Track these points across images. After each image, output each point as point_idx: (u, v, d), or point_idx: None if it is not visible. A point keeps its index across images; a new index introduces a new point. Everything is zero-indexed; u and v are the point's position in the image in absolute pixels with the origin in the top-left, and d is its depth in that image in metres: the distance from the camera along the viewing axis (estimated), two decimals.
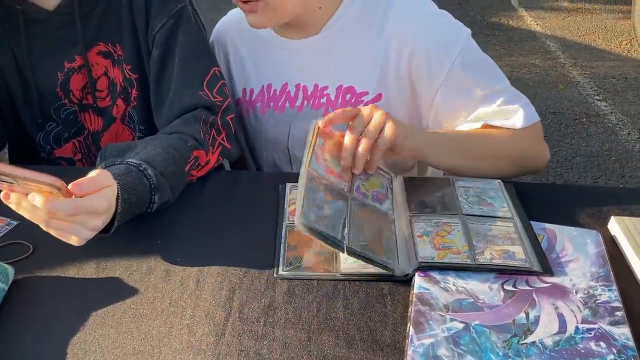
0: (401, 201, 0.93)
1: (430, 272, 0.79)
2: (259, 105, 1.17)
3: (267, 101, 1.16)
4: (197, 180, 1.02)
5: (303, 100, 1.13)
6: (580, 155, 2.89)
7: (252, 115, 1.19)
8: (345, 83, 1.09)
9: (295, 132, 1.14)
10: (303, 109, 1.13)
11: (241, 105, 1.21)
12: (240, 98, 1.20)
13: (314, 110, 1.12)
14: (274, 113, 1.16)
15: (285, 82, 1.14)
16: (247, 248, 0.87)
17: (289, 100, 1.14)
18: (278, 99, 1.15)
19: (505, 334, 0.70)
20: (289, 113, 1.14)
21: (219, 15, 1.27)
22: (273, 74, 1.16)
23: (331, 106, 1.10)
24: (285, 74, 1.14)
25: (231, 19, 1.23)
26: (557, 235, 0.88)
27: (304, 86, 1.13)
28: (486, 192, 0.95)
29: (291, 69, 1.14)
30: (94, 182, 0.76)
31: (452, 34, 1.05)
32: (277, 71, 1.15)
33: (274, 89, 1.15)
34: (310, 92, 1.12)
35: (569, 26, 4.71)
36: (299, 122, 1.13)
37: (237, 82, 1.21)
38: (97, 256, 0.85)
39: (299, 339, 0.72)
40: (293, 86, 1.14)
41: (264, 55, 1.16)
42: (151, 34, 1.06)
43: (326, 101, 1.11)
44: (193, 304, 0.77)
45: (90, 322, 0.74)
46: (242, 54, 1.19)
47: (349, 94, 1.09)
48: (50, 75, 1.10)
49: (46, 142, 1.18)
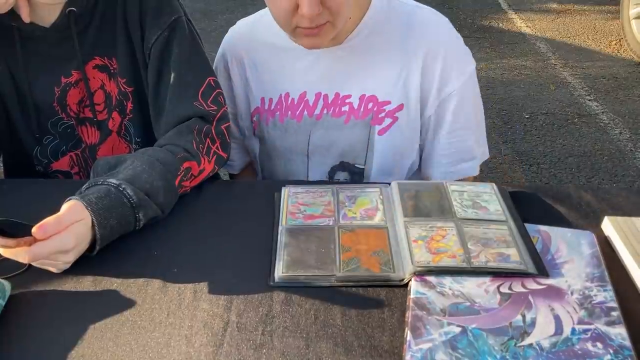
0: (397, 207, 0.94)
1: (427, 277, 0.80)
2: (278, 115, 1.17)
3: (286, 110, 1.16)
4: (192, 190, 1.03)
5: (323, 108, 1.14)
6: (573, 156, 2.90)
7: (272, 124, 1.18)
8: (368, 92, 1.11)
9: (314, 140, 1.15)
10: (322, 117, 1.14)
11: (260, 114, 1.20)
12: (260, 107, 1.20)
13: (334, 118, 1.13)
14: (292, 122, 1.16)
15: (304, 91, 1.15)
16: (243, 257, 0.88)
17: (307, 108, 1.14)
18: (296, 107, 1.15)
19: (502, 337, 0.71)
20: (308, 121, 1.15)
21: (212, 25, 1.29)
22: (291, 83, 1.16)
23: (354, 114, 1.12)
24: (305, 83, 1.15)
25: (242, 28, 1.23)
26: (552, 237, 0.88)
27: (325, 95, 1.13)
28: (480, 195, 0.96)
29: (311, 78, 1.14)
30: (59, 223, 0.79)
31: (466, 57, 1.13)
32: (296, 80, 1.15)
33: (291, 97, 1.15)
34: (331, 101, 1.13)
35: (558, 27, 4.74)
36: (319, 130, 1.14)
37: (255, 92, 1.20)
38: (94, 269, 0.85)
39: (297, 346, 0.72)
40: (312, 94, 1.14)
41: (282, 65, 1.16)
42: (147, 46, 1.06)
43: (348, 109, 1.12)
44: (191, 315, 0.77)
45: (88, 335, 0.74)
46: (257, 63, 1.19)
47: (371, 103, 1.11)
48: (47, 90, 1.10)
49: (43, 156, 1.18)
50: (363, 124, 1.12)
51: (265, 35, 1.17)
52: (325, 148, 1.15)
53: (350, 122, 1.12)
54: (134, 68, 1.10)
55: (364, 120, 1.11)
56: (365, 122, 1.11)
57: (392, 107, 1.11)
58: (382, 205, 0.95)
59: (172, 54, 1.06)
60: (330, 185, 1.03)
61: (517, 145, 3.01)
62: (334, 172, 1.17)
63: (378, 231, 0.89)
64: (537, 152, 2.94)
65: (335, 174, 1.18)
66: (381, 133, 1.12)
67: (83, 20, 1.06)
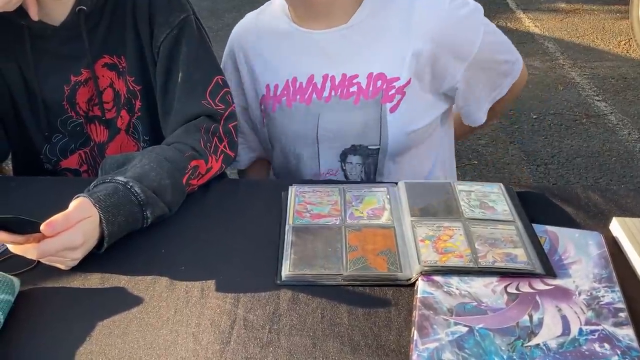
0: (404, 207, 0.94)
1: (434, 277, 0.80)
2: (285, 100, 1.16)
3: (294, 94, 1.16)
4: (199, 189, 1.03)
5: (331, 90, 1.13)
6: (581, 156, 2.89)
7: (279, 110, 1.18)
8: (376, 70, 1.11)
9: (323, 123, 1.14)
10: (331, 99, 1.13)
11: (266, 101, 1.19)
12: (265, 95, 1.19)
13: (342, 99, 1.12)
14: (300, 106, 1.15)
15: (311, 74, 1.14)
16: (250, 255, 0.88)
17: (316, 91, 1.14)
18: (304, 91, 1.15)
19: (509, 337, 0.71)
20: (317, 104, 1.14)
21: (219, 24, 1.29)
22: (298, 67, 1.15)
23: (363, 94, 1.11)
24: (311, 66, 1.14)
25: (248, 20, 1.24)
26: (559, 238, 0.88)
27: (332, 76, 1.13)
28: (487, 195, 0.96)
29: (317, 60, 1.14)
30: (67, 220, 0.80)
31: (475, 18, 1.11)
32: (302, 64, 1.15)
33: (299, 82, 1.15)
34: (338, 82, 1.12)
35: (567, 27, 4.71)
36: (328, 113, 1.13)
37: (261, 80, 1.20)
38: (102, 267, 0.86)
39: (304, 345, 0.72)
40: (320, 77, 1.14)
41: (287, 50, 1.16)
42: (155, 45, 1.07)
43: (357, 90, 1.11)
44: (198, 313, 0.77)
45: (96, 332, 0.75)
46: (263, 51, 1.19)
47: (380, 81, 1.10)
48: (57, 89, 1.11)
49: (52, 154, 1.19)
50: (373, 103, 1.11)
51: (270, 22, 1.18)
52: (336, 131, 1.14)
53: (360, 102, 1.11)
54: (142, 66, 1.11)
55: (374, 99, 1.11)
56: (375, 101, 1.11)
57: (402, 83, 1.10)
58: (389, 204, 0.95)
59: (181, 53, 1.06)
60: (337, 184, 1.03)
61: (524, 146, 3.00)
62: (346, 155, 1.16)
63: (385, 231, 0.89)
64: (544, 153, 2.93)
65: (347, 157, 1.16)
66: (393, 110, 1.10)
67: (92, 18, 1.06)
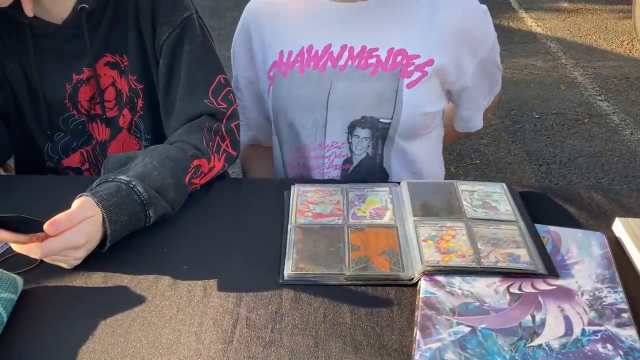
0: (407, 207, 0.94)
1: (436, 277, 0.80)
2: (298, 66, 1.15)
3: (307, 61, 1.15)
4: (202, 188, 1.03)
5: (347, 60, 1.13)
6: (583, 156, 2.89)
7: (290, 76, 1.16)
8: (397, 46, 1.11)
9: (335, 90, 1.13)
10: (346, 69, 1.13)
11: (277, 67, 1.19)
12: (277, 61, 1.18)
13: (359, 70, 1.12)
14: (313, 72, 1.14)
15: (329, 43, 1.14)
16: (252, 254, 0.88)
17: (331, 59, 1.13)
18: (319, 58, 1.14)
19: (511, 337, 0.71)
20: (331, 72, 1.13)
21: (221, 23, 1.29)
22: (316, 36, 1.15)
23: (381, 66, 1.11)
24: (330, 36, 1.14)
25: None
26: (562, 238, 0.88)
27: (351, 47, 1.13)
28: (490, 195, 0.96)
29: (337, 31, 1.14)
30: (70, 219, 0.80)
31: (489, 18, 1.15)
32: (321, 33, 1.15)
33: (315, 49, 1.15)
34: (357, 53, 1.12)
35: (569, 27, 4.71)
36: (341, 81, 1.13)
37: (275, 46, 1.18)
38: (105, 266, 0.86)
39: (306, 345, 0.72)
40: (338, 47, 1.13)
41: (306, 18, 1.16)
42: (158, 44, 1.07)
43: (376, 62, 1.11)
44: (201, 312, 0.77)
45: (99, 331, 0.75)
46: (280, 18, 1.18)
47: (400, 56, 1.11)
48: (59, 87, 1.11)
49: (54, 152, 1.19)
50: (390, 76, 1.11)
51: None
52: (347, 99, 1.13)
53: (377, 74, 1.11)
54: (144, 65, 1.11)
55: (392, 73, 1.11)
56: (393, 74, 1.11)
57: (422, 61, 1.10)
58: (391, 204, 0.95)
59: (183, 52, 1.06)
60: (340, 184, 1.03)
61: (526, 145, 3.00)
62: (354, 127, 1.15)
63: (387, 230, 0.89)
64: (546, 152, 2.93)
65: (355, 130, 1.16)
66: (410, 86, 1.10)
67: (94, 17, 1.06)
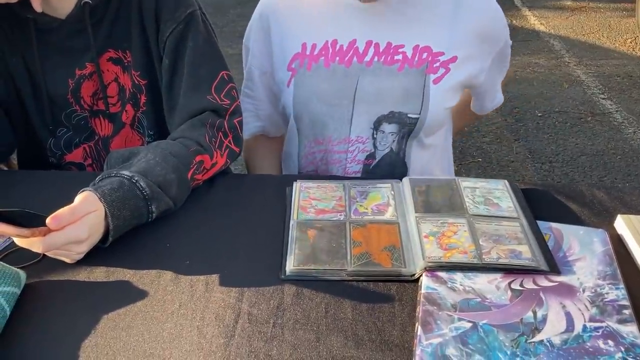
0: (409, 203, 0.94)
1: (438, 272, 0.80)
2: (323, 59, 1.16)
3: (332, 55, 1.15)
4: (204, 183, 1.03)
5: (374, 56, 1.14)
6: (586, 154, 2.88)
7: (314, 69, 1.16)
8: (422, 43, 1.13)
9: (363, 85, 1.14)
10: (373, 64, 1.14)
11: (301, 59, 1.18)
12: (299, 52, 1.17)
13: (385, 65, 1.13)
14: (339, 67, 1.15)
15: (353, 39, 1.15)
16: (254, 250, 0.88)
17: (357, 55, 1.14)
18: (345, 54, 1.15)
19: (513, 333, 0.71)
20: (357, 67, 1.14)
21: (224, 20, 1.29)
22: (340, 30, 1.16)
23: (407, 63, 1.12)
24: (356, 31, 1.15)
25: None
26: (564, 234, 0.88)
27: (376, 43, 1.14)
28: (492, 192, 0.96)
29: (363, 27, 1.14)
30: (73, 214, 0.80)
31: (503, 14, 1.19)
32: (345, 28, 1.15)
33: (340, 44, 1.15)
34: (383, 49, 1.14)
35: (572, 25, 4.70)
36: (368, 76, 1.14)
37: (297, 37, 1.18)
38: (107, 260, 0.86)
39: (307, 339, 0.72)
40: (363, 43, 1.14)
41: (330, 12, 1.16)
42: (161, 40, 1.07)
43: (402, 58, 1.13)
44: (202, 306, 0.78)
45: (101, 325, 0.75)
46: (302, 10, 1.18)
47: (425, 53, 1.12)
48: (62, 82, 1.11)
49: (57, 148, 1.19)
50: (418, 72, 1.12)
51: None
52: (375, 95, 1.14)
53: (404, 69, 1.12)
54: (147, 61, 1.11)
55: (419, 69, 1.12)
56: (420, 70, 1.12)
57: (446, 58, 1.13)
58: (393, 200, 0.95)
59: (187, 48, 1.06)
60: (342, 180, 1.03)
61: (529, 143, 2.99)
62: (380, 123, 1.16)
63: (389, 226, 0.90)
64: (549, 151, 2.93)
65: (381, 125, 1.16)
66: (436, 82, 1.12)
67: (98, 12, 1.07)
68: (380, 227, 0.90)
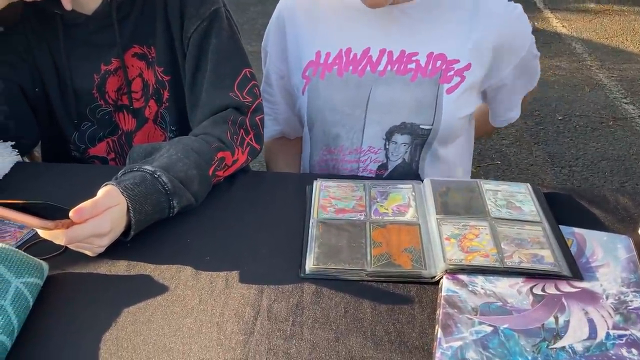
0: (430, 204, 0.93)
1: (458, 275, 0.79)
2: (336, 68, 1.15)
3: (346, 64, 1.15)
4: (225, 180, 1.04)
5: (387, 64, 1.13)
6: (607, 159, 2.85)
7: (328, 78, 1.16)
8: (437, 50, 1.11)
9: (376, 95, 1.13)
10: (386, 74, 1.13)
11: (314, 68, 1.17)
12: (313, 60, 1.17)
13: (398, 75, 1.12)
14: (352, 76, 1.14)
15: (367, 47, 1.14)
16: (273, 247, 0.88)
17: (370, 64, 1.13)
18: (358, 62, 1.14)
19: (534, 338, 0.70)
20: (370, 77, 1.13)
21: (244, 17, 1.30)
22: (354, 38, 1.15)
23: (420, 72, 1.11)
24: (369, 39, 1.14)
25: None
26: (587, 240, 0.87)
27: (389, 51, 1.13)
28: (514, 195, 0.95)
29: (376, 34, 1.14)
30: (95, 207, 0.81)
31: (525, 18, 1.16)
32: (360, 35, 1.14)
33: (354, 52, 1.14)
34: (396, 58, 1.12)
35: (595, 28, 4.64)
36: (381, 85, 1.13)
37: (312, 45, 1.18)
38: (128, 254, 0.87)
39: (327, 339, 0.72)
40: (376, 51, 1.13)
41: (345, 20, 1.16)
42: (186, 36, 1.08)
43: (415, 67, 1.11)
44: (222, 302, 0.78)
45: (122, 318, 0.76)
46: (318, 17, 1.18)
47: (439, 61, 1.11)
48: (87, 77, 1.13)
49: (81, 141, 1.21)
50: (430, 81, 1.11)
51: None
52: (388, 105, 1.13)
53: (417, 79, 1.11)
54: (171, 57, 1.11)
55: (432, 79, 1.11)
56: (433, 80, 1.10)
57: (461, 66, 1.10)
58: (414, 201, 0.95)
59: (210, 45, 1.07)
60: (362, 180, 1.03)
61: (549, 147, 2.96)
62: (392, 133, 1.15)
63: (410, 227, 0.89)
64: (569, 155, 2.89)
65: (393, 136, 1.15)
66: (449, 91, 1.11)
67: (124, 8, 1.08)
68: (400, 228, 0.89)
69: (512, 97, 1.27)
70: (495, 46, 1.11)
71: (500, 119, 1.32)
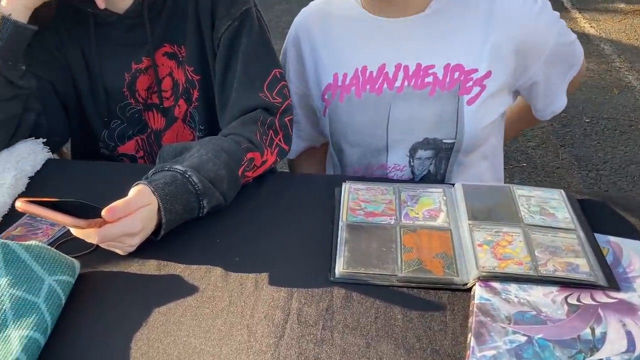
0: (461, 210, 0.92)
1: (491, 283, 0.78)
2: (354, 90, 1.13)
3: (363, 84, 1.13)
4: (254, 182, 1.03)
5: (403, 80, 1.10)
6: (636, 163, 2.79)
7: (346, 101, 1.14)
8: (453, 61, 1.08)
9: (395, 113, 1.11)
10: (403, 90, 1.10)
11: (332, 90, 1.16)
12: (331, 83, 1.16)
13: (416, 90, 1.09)
14: (370, 95, 1.12)
15: (382, 63, 1.11)
16: (303, 249, 0.88)
17: (387, 81, 1.11)
18: (375, 81, 1.12)
19: (570, 350, 0.69)
20: (388, 94, 1.11)
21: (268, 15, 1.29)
22: (369, 55, 1.13)
23: (439, 85, 1.08)
24: (383, 54, 1.12)
25: (315, 5, 1.20)
26: (623, 249, 0.85)
27: (405, 66, 1.10)
28: (548, 202, 0.93)
29: (389, 49, 1.11)
30: (128, 206, 0.81)
31: (548, 13, 1.10)
32: (374, 51, 1.12)
33: (370, 70, 1.12)
34: (412, 72, 1.10)
35: (625, 29, 4.55)
36: (400, 103, 1.11)
37: (329, 68, 1.17)
38: (158, 254, 0.87)
39: (357, 345, 0.71)
40: (392, 66, 1.11)
41: (358, 37, 1.14)
42: (216, 36, 1.08)
43: (432, 80, 1.08)
44: (252, 305, 0.78)
45: (152, 318, 0.76)
46: (331, 39, 1.16)
47: (457, 72, 1.07)
48: (118, 76, 1.13)
49: (110, 139, 1.21)
50: (449, 95, 1.08)
51: (340, 9, 1.15)
52: (408, 122, 1.11)
53: (435, 93, 1.08)
54: (202, 57, 1.12)
55: (450, 91, 1.08)
56: (451, 93, 1.08)
57: (480, 74, 1.07)
58: (445, 206, 0.94)
59: (241, 45, 1.07)
60: (392, 183, 1.02)
61: (575, 150, 2.91)
62: (415, 150, 1.13)
63: (441, 233, 0.88)
64: (596, 158, 2.84)
65: (417, 153, 1.13)
66: (470, 103, 1.08)
67: (155, 7, 1.08)
68: (431, 233, 0.88)
69: (551, 89, 1.19)
70: (517, 48, 1.07)
71: (542, 113, 1.26)
